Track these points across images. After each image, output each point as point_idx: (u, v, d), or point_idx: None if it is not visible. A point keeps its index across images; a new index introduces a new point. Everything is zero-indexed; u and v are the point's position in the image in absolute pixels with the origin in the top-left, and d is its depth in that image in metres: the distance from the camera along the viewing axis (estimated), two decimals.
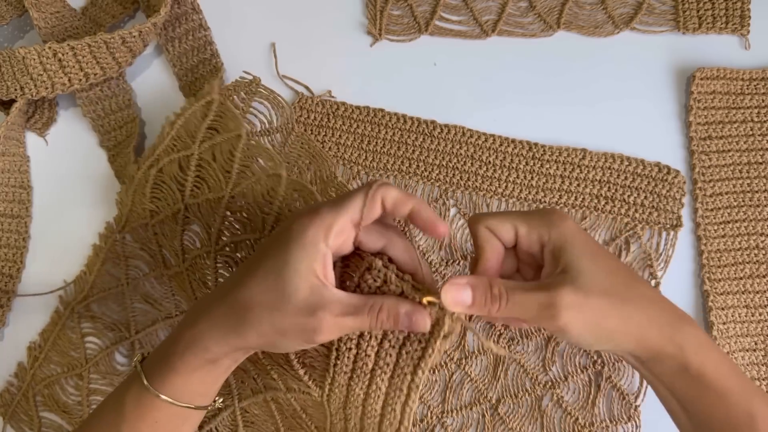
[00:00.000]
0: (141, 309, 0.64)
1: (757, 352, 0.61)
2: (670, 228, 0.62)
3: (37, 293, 0.66)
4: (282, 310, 0.41)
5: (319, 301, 0.41)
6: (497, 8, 0.69)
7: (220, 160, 0.59)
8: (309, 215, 0.42)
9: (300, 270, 0.41)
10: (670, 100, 0.66)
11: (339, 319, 0.42)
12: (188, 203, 0.60)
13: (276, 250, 0.42)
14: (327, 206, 0.42)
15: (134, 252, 0.65)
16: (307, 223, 0.41)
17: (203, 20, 0.70)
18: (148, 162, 0.62)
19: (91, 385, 0.64)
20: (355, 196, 0.42)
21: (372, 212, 0.43)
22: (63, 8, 0.70)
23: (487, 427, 0.61)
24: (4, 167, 0.67)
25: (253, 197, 0.57)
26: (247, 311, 0.42)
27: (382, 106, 0.67)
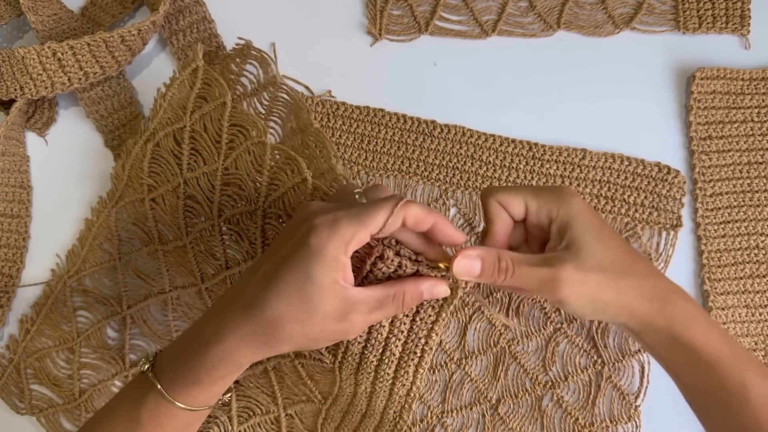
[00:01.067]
0: (133, 284, 0.64)
1: (757, 352, 0.61)
2: (670, 228, 0.62)
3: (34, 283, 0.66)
4: (312, 321, 0.42)
5: (347, 306, 0.42)
6: (497, 8, 0.69)
7: (210, 131, 0.59)
8: (328, 228, 0.41)
9: (324, 284, 0.41)
10: (671, 99, 0.66)
11: (367, 317, 0.43)
12: (186, 178, 0.60)
13: (295, 265, 0.42)
14: (347, 218, 0.41)
15: (127, 227, 0.64)
16: (326, 238, 0.41)
17: (207, 13, 0.70)
18: (145, 136, 0.61)
19: (82, 359, 0.64)
20: (378, 212, 0.42)
21: (392, 227, 0.42)
22: (60, 10, 0.70)
23: (488, 427, 0.61)
24: (4, 167, 0.67)
25: (244, 167, 0.57)
26: (278, 327, 0.42)
27: (382, 106, 0.67)
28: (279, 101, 0.63)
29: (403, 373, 0.51)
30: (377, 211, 0.42)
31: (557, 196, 0.47)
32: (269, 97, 0.63)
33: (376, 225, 0.41)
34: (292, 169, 0.54)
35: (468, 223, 0.64)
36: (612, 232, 0.47)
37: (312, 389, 0.57)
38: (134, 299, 0.64)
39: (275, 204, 0.55)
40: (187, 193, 0.60)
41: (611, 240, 0.46)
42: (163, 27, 0.69)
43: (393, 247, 0.44)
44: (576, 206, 0.46)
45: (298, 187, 0.53)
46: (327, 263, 0.41)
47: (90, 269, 0.64)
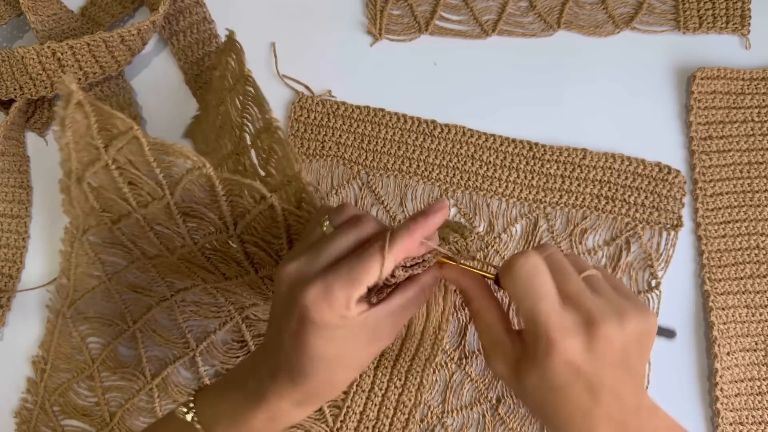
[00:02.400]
0: (132, 299, 0.64)
1: (757, 352, 0.61)
2: (671, 228, 0.62)
3: (34, 287, 0.66)
4: (355, 361, 0.44)
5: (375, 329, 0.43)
6: (497, 8, 0.69)
7: (138, 164, 0.51)
8: (325, 303, 0.40)
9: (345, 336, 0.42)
10: (671, 99, 0.66)
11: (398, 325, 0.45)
12: (142, 213, 0.55)
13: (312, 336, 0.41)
14: (339, 284, 0.40)
15: (105, 250, 0.63)
16: (327, 311, 0.40)
17: (207, 13, 0.70)
18: (73, 178, 0.55)
19: (105, 383, 0.64)
20: (370, 265, 0.40)
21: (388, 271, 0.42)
22: (60, 10, 0.70)
23: (488, 428, 0.61)
24: (3, 167, 0.67)
25: (197, 198, 0.52)
26: (332, 385, 0.44)
27: (382, 106, 0.67)
28: (249, 96, 0.56)
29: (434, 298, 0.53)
30: (367, 265, 0.40)
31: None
32: (242, 91, 0.57)
33: (372, 278, 0.40)
34: (252, 196, 0.50)
35: (468, 223, 0.64)
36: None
37: None
38: (138, 313, 0.63)
39: (247, 230, 0.53)
40: (151, 225, 0.57)
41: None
42: (163, 28, 0.69)
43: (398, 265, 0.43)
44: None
45: (266, 211, 0.50)
46: (338, 322, 0.41)
47: (83, 297, 0.64)
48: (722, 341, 0.61)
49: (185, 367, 0.63)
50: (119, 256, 0.63)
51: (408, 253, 0.42)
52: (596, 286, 0.42)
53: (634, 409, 0.41)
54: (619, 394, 0.40)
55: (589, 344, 0.39)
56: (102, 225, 0.59)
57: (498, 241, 0.64)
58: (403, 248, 0.41)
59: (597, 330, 0.39)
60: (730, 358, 0.60)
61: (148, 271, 0.63)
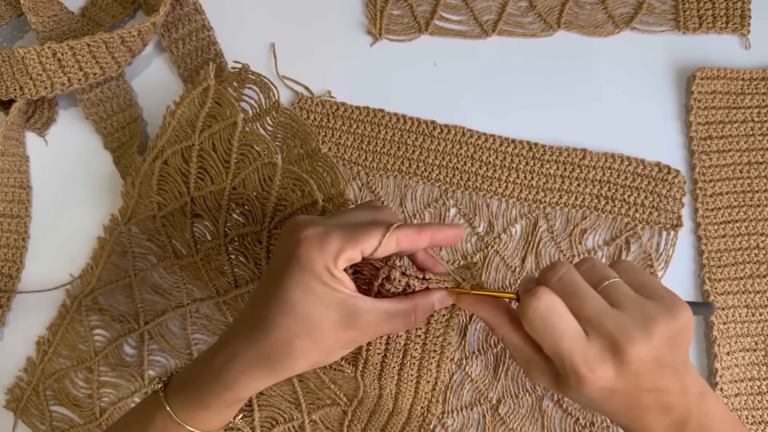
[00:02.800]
0: (150, 300, 0.64)
1: (757, 352, 0.61)
2: (671, 228, 0.62)
3: (37, 290, 0.66)
4: (320, 332, 0.42)
5: (353, 313, 0.42)
6: (497, 8, 0.69)
7: (219, 150, 0.58)
8: (317, 242, 0.41)
9: (324, 294, 0.41)
10: (671, 99, 0.66)
11: (377, 327, 0.43)
12: (194, 196, 0.59)
13: (293, 279, 0.41)
14: (336, 233, 0.41)
15: (141, 243, 0.64)
16: (316, 250, 0.41)
17: (206, 21, 0.70)
18: (153, 154, 0.61)
19: (101, 377, 0.64)
20: (370, 233, 0.41)
21: (386, 250, 0.42)
22: (61, 11, 0.70)
23: (488, 428, 0.61)
24: (3, 167, 0.67)
25: (252, 187, 0.56)
26: (289, 346, 0.42)
27: (382, 106, 0.67)
28: (282, 126, 0.62)
29: (426, 371, 0.51)
30: (369, 232, 0.41)
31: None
32: (272, 122, 0.63)
33: (368, 246, 0.41)
34: (302, 191, 0.54)
35: (468, 224, 0.64)
36: None
37: (337, 392, 0.57)
38: (151, 315, 0.64)
39: (281, 225, 0.55)
40: (194, 212, 0.60)
41: None
42: (162, 36, 0.69)
43: (399, 267, 0.44)
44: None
45: (307, 208, 0.53)
46: (322, 275, 0.41)
47: (105, 287, 0.64)
48: (722, 341, 0.61)
49: None
50: (152, 252, 0.64)
51: (411, 245, 0.42)
52: (616, 296, 0.42)
53: (679, 392, 0.41)
54: (660, 387, 0.41)
55: (620, 368, 0.39)
56: (148, 213, 0.62)
57: (498, 241, 0.63)
58: (408, 237, 0.42)
59: (624, 354, 0.39)
60: (729, 358, 0.60)
61: (174, 273, 0.63)
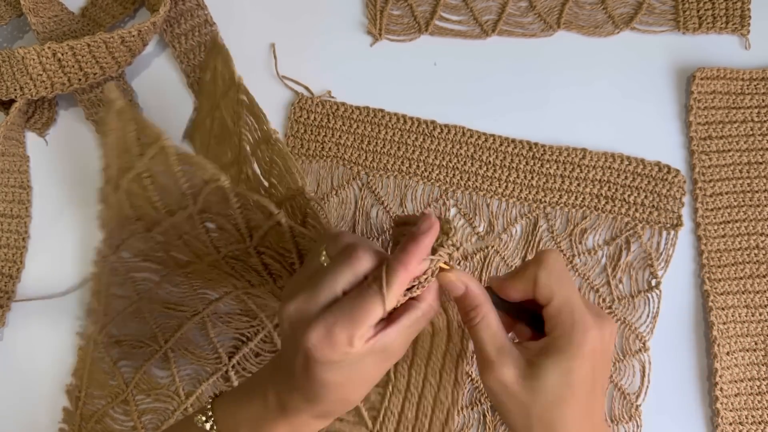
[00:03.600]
0: (163, 317, 0.63)
1: (757, 352, 0.61)
2: (671, 227, 0.62)
3: (32, 298, 0.66)
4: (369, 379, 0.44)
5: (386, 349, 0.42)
6: (497, 8, 0.69)
7: (167, 174, 0.51)
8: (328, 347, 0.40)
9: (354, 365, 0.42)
10: (671, 99, 0.67)
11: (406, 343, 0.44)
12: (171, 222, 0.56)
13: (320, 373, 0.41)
14: (340, 325, 0.40)
15: (137, 266, 0.62)
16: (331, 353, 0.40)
17: (209, 16, 0.70)
18: (111, 185, 0.56)
19: (140, 406, 0.63)
20: (369, 305, 0.40)
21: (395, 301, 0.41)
22: (61, 12, 0.70)
23: (488, 428, 0.61)
24: (3, 167, 0.67)
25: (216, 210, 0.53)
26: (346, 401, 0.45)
27: (382, 106, 0.67)
28: (242, 105, 0.55)
29: None
30: (369, 304, 0.40)
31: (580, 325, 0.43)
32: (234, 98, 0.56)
33: (374, 317, 0.40)
34: (263, 212, 0.50)
35: (468, 224, 0.64)
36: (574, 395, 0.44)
37: None
38: (169, 331, 0.63)
39: (262, 243, 0.53)
40: (180, 234, 0.57)
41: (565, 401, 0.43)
42: (165, 31, 0.69)
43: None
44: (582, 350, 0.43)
45: (275, 227, 0.51)
46: (345, 361, 0.41)
47: (114, 320, 0.63)
48: (722, 341, 0.61)
49: (219, 382, 0.63)
50: (151, 271, 0.63)
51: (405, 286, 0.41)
52: None
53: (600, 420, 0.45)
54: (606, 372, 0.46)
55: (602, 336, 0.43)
56: (136, 235, 0.59)
57: (498, 241, 0.64)
58: (401, 283, 0.41)
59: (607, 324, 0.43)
60: (729, 358, 0.60)
61: (180, 285, 0.62)
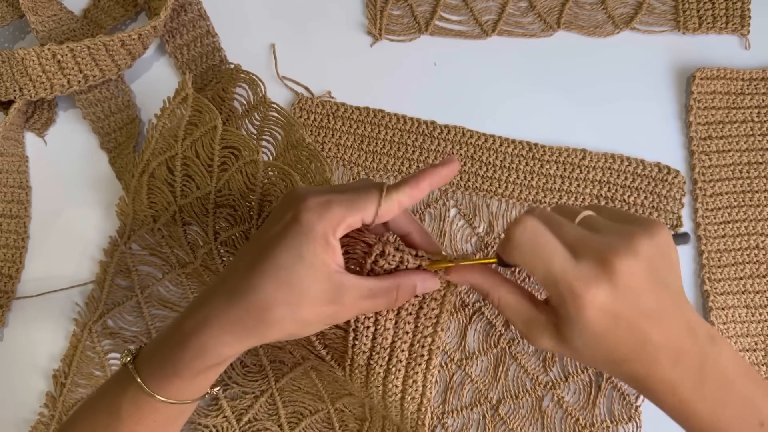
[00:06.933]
0: (160, 315, 0.64)
1: (757, 352, 0.61)
2: (671, 228, 0.62)
3: (32, 295, 0.65)
4: (301, 303, 0.41)
5: (337, 289, 0.41)
6: (497, 8, 0.69)
7: (202, 155, 0.58)
8: (319, 209, 0.41)
9: (315, 263, 0.40)
10: (670, 100, 0.66)
11: (358, 303, 0.43)
12: (181, 204, 0.59)
13: (286, 245, 0.41)
14: (338, 201, 0.41)
15: (144, 260, 0.64)
16: (317, 217, 0.40)
17: (211, 26, 0.70)
18: (140, 169, 0.62)
19: None
20: (369, 198, 0.41)
21: (388, 213, 0.42)
22: (60, 11, 0.70)
23: (488, 428, 0.60)
24: (2, 167, 0.67)
25: (237, 187, 0.57)
26: (266, 311, 0.41)
27: (382, 107, 0.67)
28: (270, 120, 0.63)
29: (411, 383, 0.50)
30: (369, 197, 0.41)
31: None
32: (260, 117, 0.63)
33: (368, 212, 0.41)
34: (285, 184, 0.54)
35: (468, 224, 0.64)
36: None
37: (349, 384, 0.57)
38: None
39: None
40: (184, 220, 0.60)
41: None
42: (167, 41, 0.69)
43: (393, 243, 0.44)
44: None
45: None
46: (318, 242, 0.40)
47: (112, 311, 0.64)
48: None
49: None
50: (156, 266, 0.64)
51: (412, 199, 0.42)
52: (594, 225, 0.41)
53: (686, 332, 0.39)
54: (665, 319, 0.39)
55: (613, 284, 0.38)
56: (145, 226, 0.62)
57: (498, 241, 0.63)
58: (408, 193, 0.41)
59: (613, 268, 0.38)
60: None
61: (180, 284, 0.63)
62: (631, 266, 0.38)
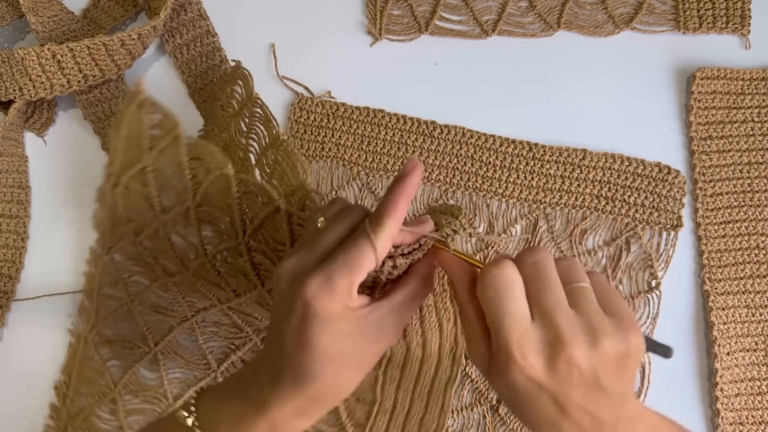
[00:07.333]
0: (153, 320, 0.63)
1: (757, 352, 0.61)
2: (671, 228, 0.62)
3: (29, 297, 0.66)
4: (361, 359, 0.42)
5: (379, 324, 0.41)
6: (497, 8, 0.69)
7: (172, 168, 0.55)
8: (326, 290, 0.39)
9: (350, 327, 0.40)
10: (671, 100, 0.66)
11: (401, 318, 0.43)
12: (163, 220, 0.57)
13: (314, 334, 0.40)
14: (337, 270, 0.39)
15: (129, 269, 0.63)
16: (329, 300, 0.39)
17: (210, 26, 0.70)
18: (111, 181, 0.58)
19: (127, 406, 0.63)
20: (363, 250, 0.40)
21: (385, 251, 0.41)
22: (61, 11, 0.70)
23: (488, 428, 0.60)
24: (2, 167, 0.67)
25: (214, 202, 0.54)
26: (338, 385, 0.42)
27: (382, 107, 0.67)
28: (255, 116, 0.60)
29: (443, 310, 0.51)
30: (363, 250, 0.40)
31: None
32: (248, 113, 0.61)
33: (369, 263, 0.40)
34: (262, 198, 0.51)
35: (469, 224, 0.64)
36: None
37: None
38: (159, 334, 0.63)
39: (255, 237, 0.53)
40: (169, 235, 0.58)
41: None
42: (167, 41, 0.69)
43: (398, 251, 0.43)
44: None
45: (272, 215, 0.51)
46: (343, 317, 0.40)
47: (105, 320, 0.63)
48: (722, 341, 0.60)
49: None
50: (142, 275, 0.63)
51: (398, 224, 0.41)
52: (580, 300, 0.41)
53: (612, 423, 0.40)
54: (591, 411, 0.39)
55: (551, 364, 0.38)
56: (126, 239, 0.60)
57: (498, 241, 0.63)
58: (393, 222, 0.40)
59: (562, 351, 0.38)
60: (730, 358, 0.60)
61: (169, 290, 0.62)
62: (579, 358, 0.38)
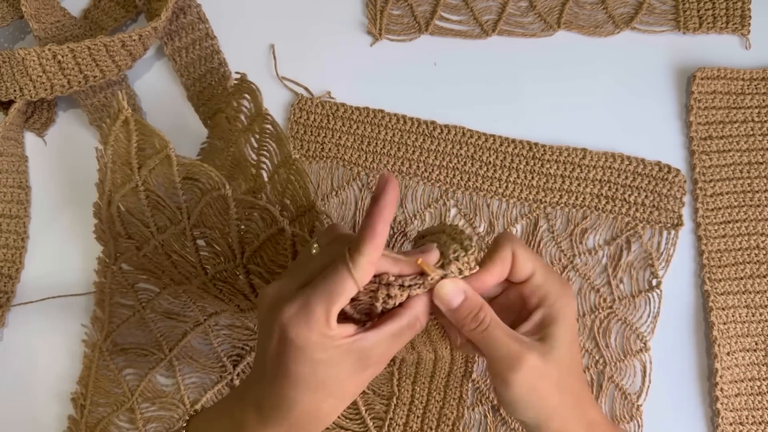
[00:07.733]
0: (167, 326, 0.63)
1: (757, 352, 0.61)
2: (671, 227, 0.62)
3: (30, 301, 0.65)
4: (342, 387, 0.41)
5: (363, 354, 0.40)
6: (497, 8, 0.69)
7: (165, 187, 0.55)
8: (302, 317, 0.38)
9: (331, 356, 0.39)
10: (671, 99, 0.66)
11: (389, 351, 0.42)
12: (160, 240, 0.57)
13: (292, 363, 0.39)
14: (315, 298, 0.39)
15: (137, 278, 0.63)
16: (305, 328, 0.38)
17: (209, 29, 0.70)
18: (105, 201, 0.59)
19: (145, 414, 0.63)
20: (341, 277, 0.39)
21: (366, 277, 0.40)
22: (63, 17, 0.70)
23: (490, 428, 0.60)
24: (2, 167, 0.67)
25: (210, 223, 0.54)
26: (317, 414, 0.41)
27: (382, 107, 0.67)
28: (266, 133, 0.59)
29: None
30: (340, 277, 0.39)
31: (562, 288, 0.44)
32: (258, 129, 0.59)
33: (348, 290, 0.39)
34: (264, 220, 0.51)
35: (469, 224, 0.64)
36: (578, 351, 0.46)
37: None
38: (173, 340, 0.63)
39: (253, 260, 0.53)
40: (168, 253, 0.58)
41: (577, 356, 0.45)
42: (166, 44, 0.69)
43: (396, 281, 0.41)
44: (570, 310, 0.44)
45: (275, 237, 0.50)
46: (320, 343, 0.39)
47: (118, 329, 0.63)
48: (722, 341, 0.60)
49: (225, 390, 0.63)
50: (151, 283, 0.63)
51: (378, 250, 0.39)
52: None
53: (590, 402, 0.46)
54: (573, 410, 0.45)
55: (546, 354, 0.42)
56: (129, 252, 0.60)
57: None
58: (372, 248, 0.39)
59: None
60: (730, 358, 0.60)
61: (179, 296, 0.62)
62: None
